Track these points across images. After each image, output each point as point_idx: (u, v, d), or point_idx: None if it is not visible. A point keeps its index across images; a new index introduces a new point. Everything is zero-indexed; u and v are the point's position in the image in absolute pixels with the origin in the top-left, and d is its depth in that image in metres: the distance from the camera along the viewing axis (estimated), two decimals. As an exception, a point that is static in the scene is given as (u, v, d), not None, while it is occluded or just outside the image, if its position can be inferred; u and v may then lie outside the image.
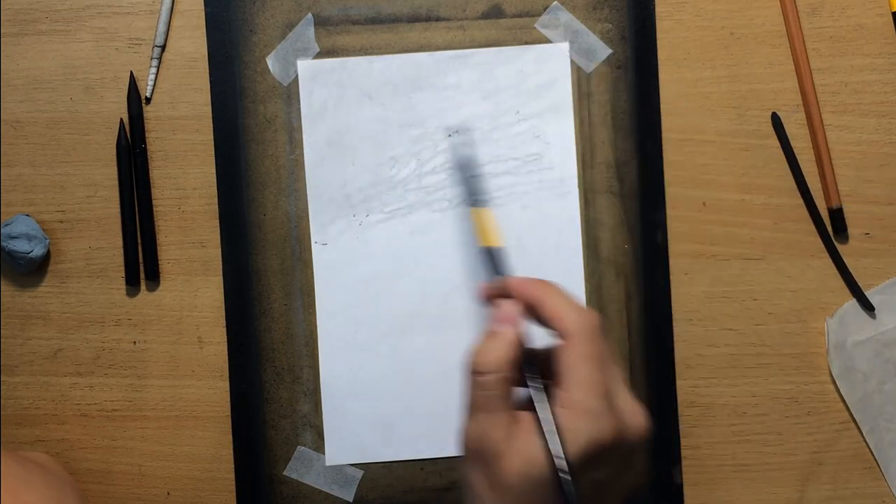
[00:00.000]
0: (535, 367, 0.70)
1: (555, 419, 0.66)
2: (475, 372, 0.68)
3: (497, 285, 0.74)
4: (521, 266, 0.84)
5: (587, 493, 0.66)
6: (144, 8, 0.85)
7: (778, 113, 0.85)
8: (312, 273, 0.85)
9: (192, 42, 0.85)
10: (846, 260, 0.85)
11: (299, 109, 0.85)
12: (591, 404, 0.66)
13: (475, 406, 0.68)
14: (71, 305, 0.85)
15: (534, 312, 0.71)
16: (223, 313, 0.85)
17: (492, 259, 0.76)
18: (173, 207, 0.85)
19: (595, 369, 0.67)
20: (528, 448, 0.65)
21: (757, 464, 0.86)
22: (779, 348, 0.86)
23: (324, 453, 0.85)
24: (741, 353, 0.86)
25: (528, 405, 0.68)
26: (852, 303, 0.85)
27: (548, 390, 0.68)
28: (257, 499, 0.85)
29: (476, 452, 0.67)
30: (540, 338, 0.71)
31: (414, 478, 0.85)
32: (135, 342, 0.85)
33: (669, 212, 0.85)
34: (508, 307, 0.71)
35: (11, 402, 0.85)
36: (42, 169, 0.85)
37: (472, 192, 0.83)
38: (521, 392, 0.69)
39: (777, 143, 0.85)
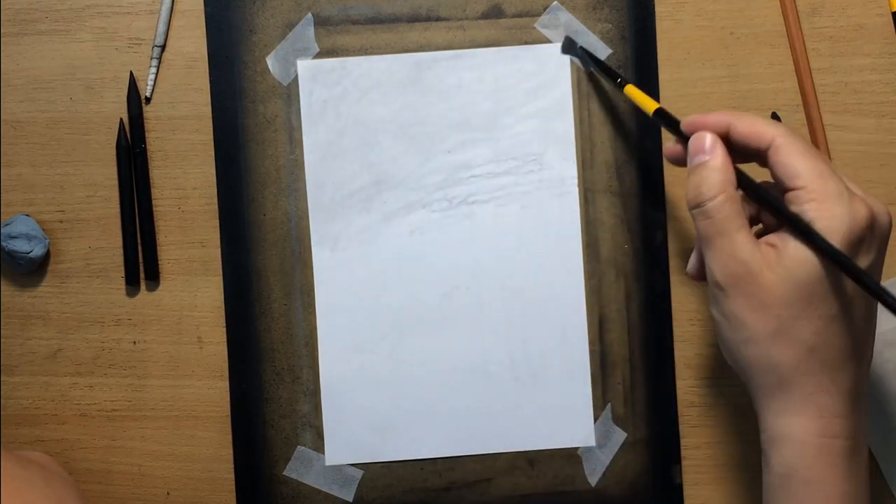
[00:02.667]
0: (756, 185, 0.68)
1: (804, 217, 0.64)
2: (696, 206, 0.68)
3: (684, 132, 0.72)
4: (522, 266, 0.84)
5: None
6: (144, 8, 0.85)
7: (778, 113, 0.85)
8: (312, 273, 0.85)
9: (191, 42, 0.85)
10: (846, 260, 0.85)
11: (299, 109, 0.85)
12: (834, 188, 0.65)
13: (711, 237, 0.67)
14: (71, 305, 0.85)
15: (728, 141, 0.69)
16: (223, 313, 0.85)
17: (665, 118, 0.75)
18: (173, 207, 0.85)
19: (819, 160, 0.66)
20: (784, 255, 0.65)
21: (757, 464, 0.85)
22: (779, 348, 0.86)
23: (324, 453, 0.85)
24: (741, 353, 0.86)
25: (759, 234, 0.68)
26: (852, 303, 0.85)
27: (781, 203, 0.67)
28: (257, 499, 0.85)
29: (728, 280, 0.66)
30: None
31: (414, 478, 0.85)
32: (135, 342, 0.85)
33: (669, 212, 0.85)
34: (702, 137, 0.69)
35: (11, 402, 0.85)
36: (42, 169, 0.85)
37: (613, 75, 0.82)
38: (753, 229, 0.69)
39: (777, 143, 0.85)
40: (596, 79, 0.85)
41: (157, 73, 0.85)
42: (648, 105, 0.76)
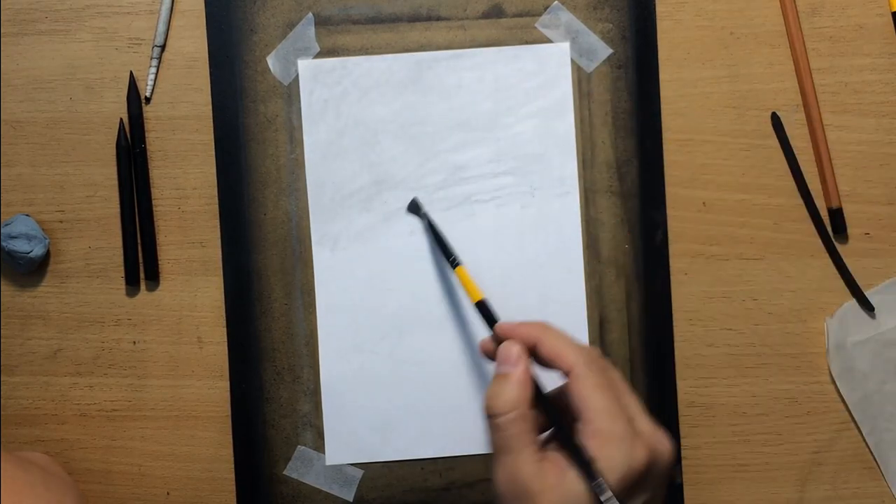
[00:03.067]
0: (551, 404, 0.70)
1: (585, 451, 0.65)
2: (490, 416, 0.68)
3: (496, 334, 0.74)
4: (522, 266, 0.84)
5: None
6: (144, 8, 0.85)
7: (778, 113, 0.85)
8: (313, 273, 0.85)
9: (191, 42, 0.85)
10: (846, 260, 0.85)
11: (300, 109, 0.85)
12: (618, 430, 0.66)
13: (499, 450, 0.68)
14: (71, 305, 0.85)
15: (535, 354, 0.71)
16: (223, 313, 0.85)
17: (484, 312, 0.76)
18: (173, 207, 0.85)
19: (610, 397, 0.67)
20: (562, 482, 0.65)
21: (757, 464, 0.86)
22: (779, 348, 0.86)
23: (324, 453, 0.85)
24: (741, 353, 0.86)
25: (553, 445, 0.68)
26: (852, 303, 0.85)
27: (569, 429, 0.68)
28: (257, 498, 0.85)
29: (509, 496, 0.68)
30: (551, 381, 0.71)
31: (414, 478, 0.85)
32: (135, 342, 0.85)
33: (669, 212, 0.85)
34: (510, 348, 0.71)
35: (11, 402, 0.85)
36: (42, 169, 0.85)
37: (448, 254, 0.83)
38: (542, 436, 0.70)
39: (777, 143, 0.85)
40: (596, 78, 0.85)
41: (157, 73, 0.85)
42: (473, 294, 0.78)
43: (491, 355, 0.74)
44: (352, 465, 0.85)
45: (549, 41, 0.85)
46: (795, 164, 0.85)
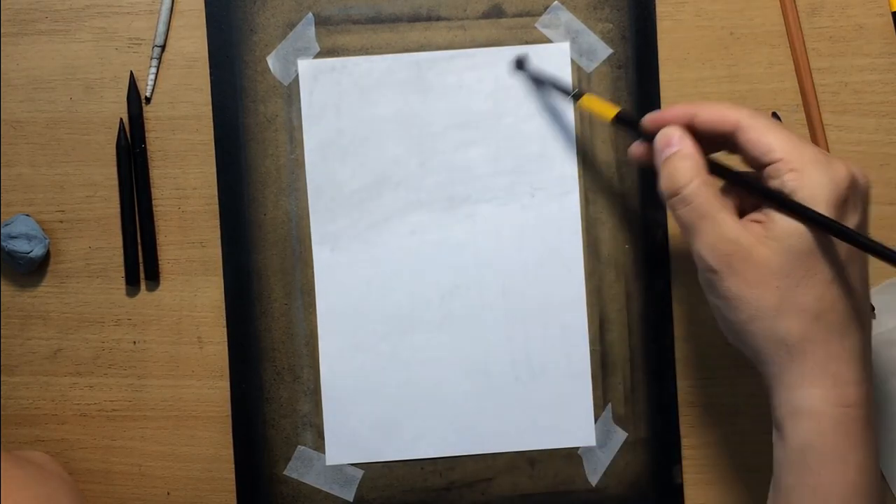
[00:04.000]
0: (728, 167, 0.69)
1: (784, 190, 0.65)
2: (673, 194, 0.68)
3: (645, 128, 0.73)
4: (522, 266, 0.84)
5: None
6: (144, 8, 0.85)
7: (778, 113, 0.85)
8: (313, 273, 0.85)
9: (191, 42, 0.85)
10: (846, 260, 0.85)
11: (300, 109, 0.85)
12: (810, 156, 0.65)
13: (693, 224, 0.67)
14: (71, 305, 0.85)
15: (694, 133, 0.70)
16: (223, 313, 0.85)
17: (624, 122, 0.76)
18: (173, 207, 0.85)
19: (788, 131, 0.67)
20: (774, 227, 0.65)
21: (757, 464, 0.86)
22: (779, 348, 0.86)
23: (324, 453, 0.85)
24: (741, 353, 0.85)
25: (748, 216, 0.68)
26: (852, 303, 0.85)
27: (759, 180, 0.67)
28: (257, 498, 0.85)
29: (719, 262, 0.66)
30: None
31: (414, 478, 0.85)
32: (135, 342, 0.85)
33: (670, 211, 0.85)
34: (668, 131, 0.70)
35: (11, 402, 0.85)
36: (42, 169, 0.85)
37: (566, 90, 0.82)
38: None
39: (777, 143, 0.85)
40: (596, 78, 0.85)
41: (157, 73, 0.85)
42: (608, 111, 0.77)
43: (644, 158, 0.73)
44: (352, 465, 0.85)
45: (549, 41, 0.85)
46: (795, 164, 0.85)
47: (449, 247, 0.85)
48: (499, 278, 0.85)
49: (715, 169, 0.69)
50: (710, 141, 0.70)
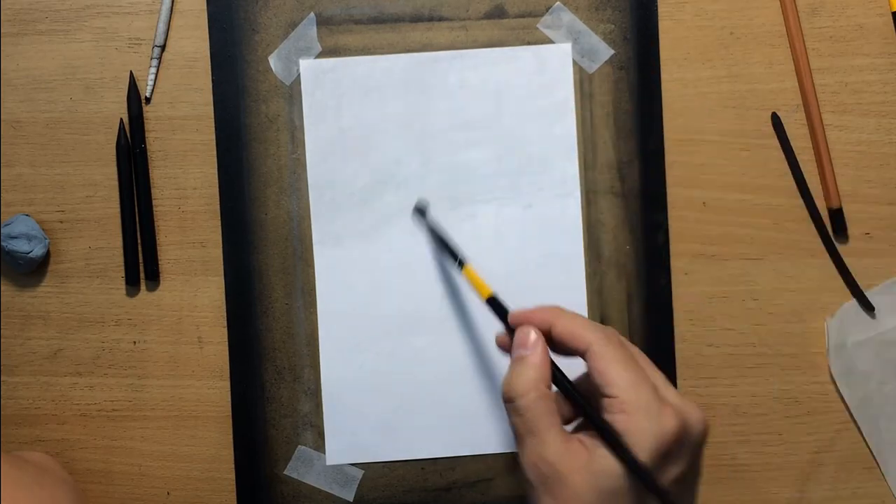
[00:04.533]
0: (572, 386, 0.69)
1: (612, 426, 0.65)
2: (509, 400, 0.68)
3: (510, 323, 0.73)
4: (523, 266, 0.84)
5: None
6: (144, 8, 0.85)
7: (778, 113, 0.85)
8: (314, 272, 0.85)
9: (191, 42, 0.85)
10: (846, 260, 0.85)
11: (301, 109, 0.85)
12: (644, 400, 0.65)
13: (522, 435, 0.67)
14: (71, 305, 0.85)
15: (551, 340, 0.70)
16: (223, 313, 0.85)
17: (495, 307, 0.75)
18: (173, 207, 0.85)
19: (633, 369, 0.66)
20: (592, 460, 0.64)
21: (757, 464, 0.86)
22: (779, 348, 0.86)
23: (324, 453, 0.85)
24: (741, 353, 0.86)
25: (578, 430, 0.68)
26: (852, 303, 0.85)
27: (593, 408, 0.67)
28: (258, 498, 0.85)
29: (537, 480, 0.66)
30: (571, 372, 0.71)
31: (414, 478, 0.85)
32: (135, 342, 0.85)
33: (669, 212, 0.85)
34: (526, 332, 0.70)
35: (11, 402, 0.85)
36: (42, 169, 0.85)
37: (454, 253, 0.82)
38: (568, 427, 0.69)
39: (777, 143, 0.85)
40: (598, 79, 0.85)
41: (157, 73, 0.85)
42: (482, 291, 0.77)
43: (507, 348, 0.73)
44: (352, 465, 0.85)
45: (550, 42, 0.85)
46: (795, 164, 0.85)
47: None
48: (499, 279, 0.85)
49: (558, 381, 0.69)
50: (565, 350, 0.70)
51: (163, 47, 0.85)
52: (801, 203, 0.85)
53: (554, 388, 0.69)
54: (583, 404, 0.68)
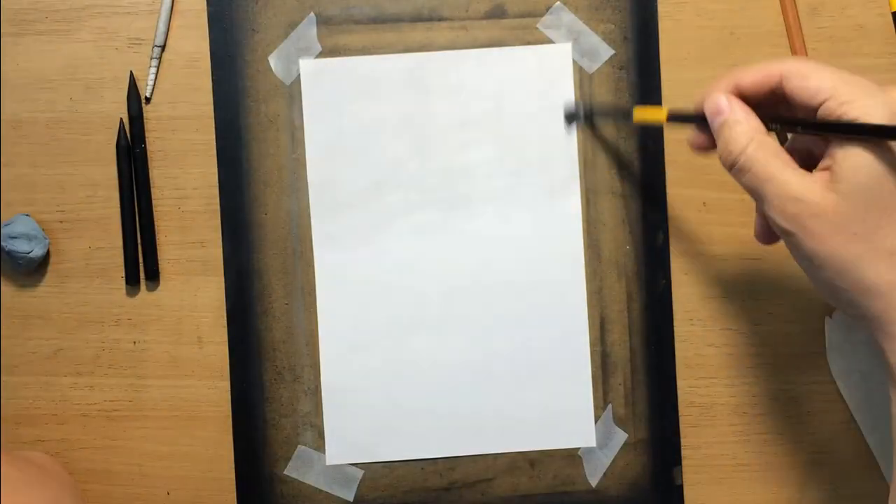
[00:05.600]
0: (783, 117, 0.67)
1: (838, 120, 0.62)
2: (731, 166, 0.66)
3: (700, 110, 0.70)
4: (523, 266, 0.84)
5: None
6: (144, 8, 0.85)
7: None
8: (314, 272, 0.85)
9: (191, 42, 0.85)
10: (846, 260, 0.85)
11: (301, 108, 0.85)
12: (860, 87, 0.62)
13: (757, 189, 0.65)
14: (71, 305, 0.85)
15: (744, 100, 0.67)
16: (223, 313, 0.85)
17: (678, 118, 0.75)
18: (173, 207, 0.85)
19: (836, 70, 0.64)
20: (841, 166, 0.62)
21: (757, 464, 0.86)
22: (779, 348, 0.86)
23: (324, 453, 0.85)
24: (741, 353, 0.86)
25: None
26: (852, 303, 0.85)
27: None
28: (257, 498, 0.85)
29: (790, 223, 0.63)
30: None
31: (414, 478, 0.85)
32: (135, 342, 0.85)
33: (670, 212, 0.85)
34: (715, 99, 0.68)
35: (11, 402, 0.85)
36: (42, 169, 0.85)
37: (616, 113, 0.83)
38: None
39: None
40: (598, 79, 0.85)
41: (157, 73, 0.85)
42: (659, 115, 0.76)
43: (703, 146, 0.71)
44: (352, 465, 0.85)
45: (550, 42, 0.85)
46: (796, 164, 0.85)
47: (450, 247, 0.85)
48: (500, 279, 0.85)
49: (771, 120, 0.66)
50: (760, 102, 0.67)
51: (163, 47, 0.85)
52: (801, 203, 0.85)
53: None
54: (806, 120, 0.65)
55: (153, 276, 0.85)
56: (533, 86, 0.85)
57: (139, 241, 0.85)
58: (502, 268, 0.85)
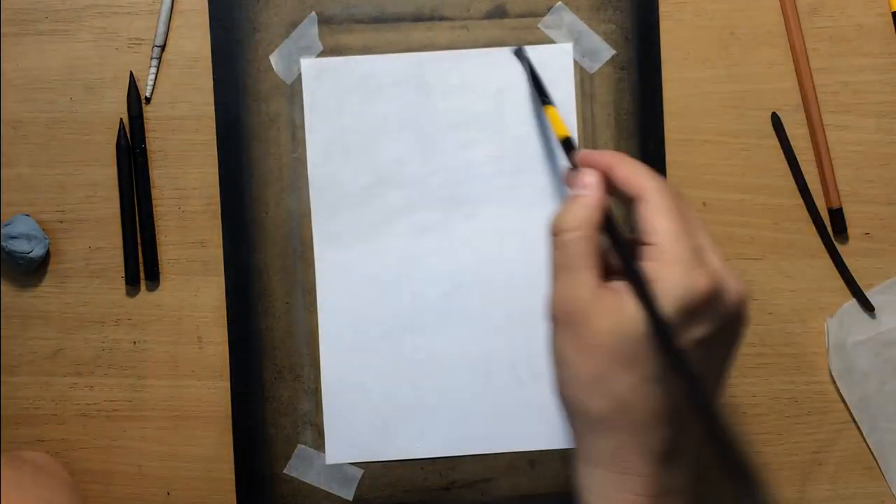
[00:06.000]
0: (619, 235, 0.68)
1: (643, 272, 0.64)
2: (555, 233, 0.67)
3: (576, 162, 0.72)
4: (524, 266, 0.84)
5: (690, 353, 0.63)
6: (144, 8, 0.85)
7: (778, 113, 0.85)
8: (314, 272, 0.85)
9: (192, 42, 0.85)
10: (846, 260, 0.85)
11: (302, 108, 0.85)
12: (680, 252, 0.64)
13: (558, 270, 0.67)
14: (71, 305, 0.85)
15: (611, 184, 0.69)
16: (223, 313, 0.85)
17: (567, 147, 0.76)
18: (173, 207, 0.85)
19: (678, 221, 0.65)
20: (618, 304, 0.63)
21: (757, 464, 0.86)
22: (779, 348, 0.86)
23: (324, 452, 0.85)
24: (741, 353, 0.86)
25: (617, 277, 0.67)
26: (852, 303, 0.85)
27: (631, 253, 0.66)
28: (257, 497, 0.85)
29: (562, 316, 0.66)
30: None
31: (414, 477, 0.85)
32: (135, 342, 0.85)
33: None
34: (588, 175, 0.69)
35: (11, 402, 0.85)
36: (42, 169, 0.85)
37: (541, 92, 0.82)
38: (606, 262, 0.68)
39: (777, 143, 0.85)
40: (599, 80, 0.85)
41: (157, 73, 0.85)
42: (560, 130, 0.77)
43: (573, 185, 0.72)
44: (352, 464, 0.85)
45: (551, 42, 0.85)
46: (795, 164, 0.85)
47: (450, 247, 0.85)
48: (500, 279, 0.85)
49: (607, 225, 0.68)
50: (622, 197, 0.69)
51: (163, 47, 0.85)
52: (801, 203, 0.86)
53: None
54: (621, 247, 0.67)
55: (153, 276, 0.85)
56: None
57: (139, 241, 0.85)
58: (502, 267, 0.85)
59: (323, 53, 0.85)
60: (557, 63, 0.85)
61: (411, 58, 0.85)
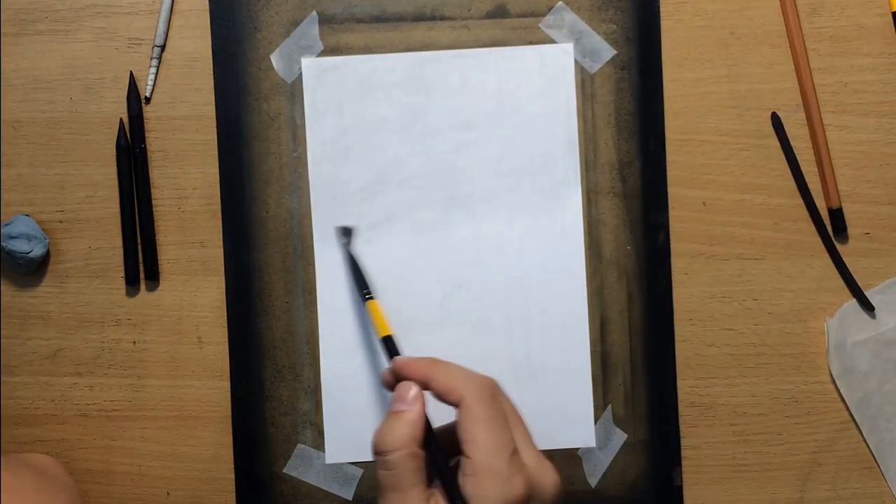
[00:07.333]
0: (440, 444, 0.70)
1: (462, 488, 0.67)
2: (379, 453, 0.69)
3: (392, 369, 0.74)
4: (524, 266, 0.84)
5: None
6: (144, 8, 0.85)
7: (778, 113, 0.85)
8: (314, 271, 0.85)
9: (191, 42, 0.85)
10: (846, 260, 0.85)
11: (303, 107, 0.85)
12: (495, 467, 0.67)
13: (386, 488, 0.68)
14: (71, 305, 0.85)
15: (430, 390, 0.71)
16: (223, 313, 0.85)
17: (387, 347, 0.77)
18: (173, 207, 0.85)
19: (493, 431, 0.68)
20: None
21: (757, 464, 0.86)
22: (779, 348, 0.86)
23: (324, 451, 0.85)
24: (741, 353, 0.86)
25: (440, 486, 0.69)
26: (852, 303, 0.85)
27: (447, 467, 0.69)
28: (257, 496, 0.85)
29: None
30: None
31: (414, 478, 0.85)
32: (135, 342, 0.85)
33: (671, 213, 0.85)
34: (407, 388, 0.71)
35: (11, 402, 0.85)
36: (42, 169, 0.85)
37: (363, 286, 0.83)
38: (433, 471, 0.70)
39: (777, 143, 0.85)
40: (599, 80, 0.85)
41: (156, 73, 0.85)
42: (381, 328, 0.79)
43: (390, 386, 0.74)
44: (351, 463, 0.85)
45: (552, 42, 0.85)
46: (795, 164, 0.85)
47: (450, 247, 0.85)
48: (500, 279, 0.85)
49: (427, 441, 0.70)
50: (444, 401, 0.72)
51: (163, 47, 0.85)
52: (801, 203, 0.86)
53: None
54: (441, 467, 0.69)
55: (153, 276, 0.85)
56: (534, 86, 0.85)
57: (139, 241, 0.85)
58: (502, 267, 0.85)
59: (324, 53, 0.85)
60: (558, 63, 0.85)
61: (412, 57, 0.85)
